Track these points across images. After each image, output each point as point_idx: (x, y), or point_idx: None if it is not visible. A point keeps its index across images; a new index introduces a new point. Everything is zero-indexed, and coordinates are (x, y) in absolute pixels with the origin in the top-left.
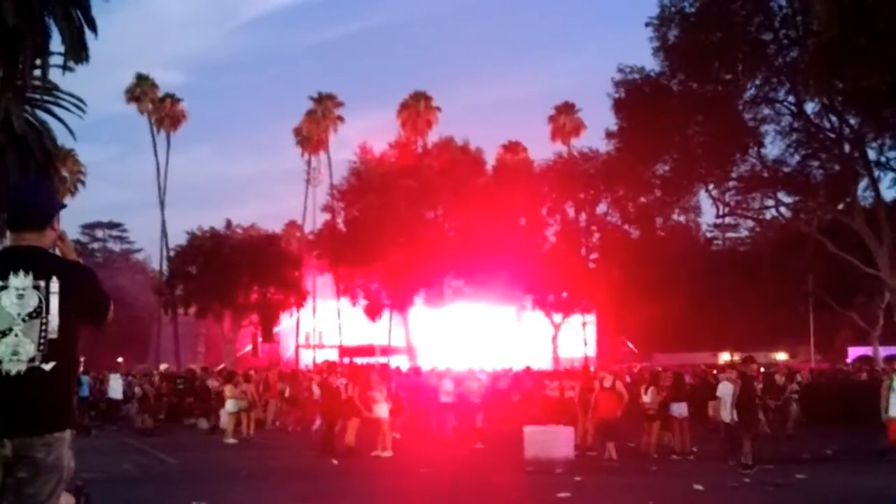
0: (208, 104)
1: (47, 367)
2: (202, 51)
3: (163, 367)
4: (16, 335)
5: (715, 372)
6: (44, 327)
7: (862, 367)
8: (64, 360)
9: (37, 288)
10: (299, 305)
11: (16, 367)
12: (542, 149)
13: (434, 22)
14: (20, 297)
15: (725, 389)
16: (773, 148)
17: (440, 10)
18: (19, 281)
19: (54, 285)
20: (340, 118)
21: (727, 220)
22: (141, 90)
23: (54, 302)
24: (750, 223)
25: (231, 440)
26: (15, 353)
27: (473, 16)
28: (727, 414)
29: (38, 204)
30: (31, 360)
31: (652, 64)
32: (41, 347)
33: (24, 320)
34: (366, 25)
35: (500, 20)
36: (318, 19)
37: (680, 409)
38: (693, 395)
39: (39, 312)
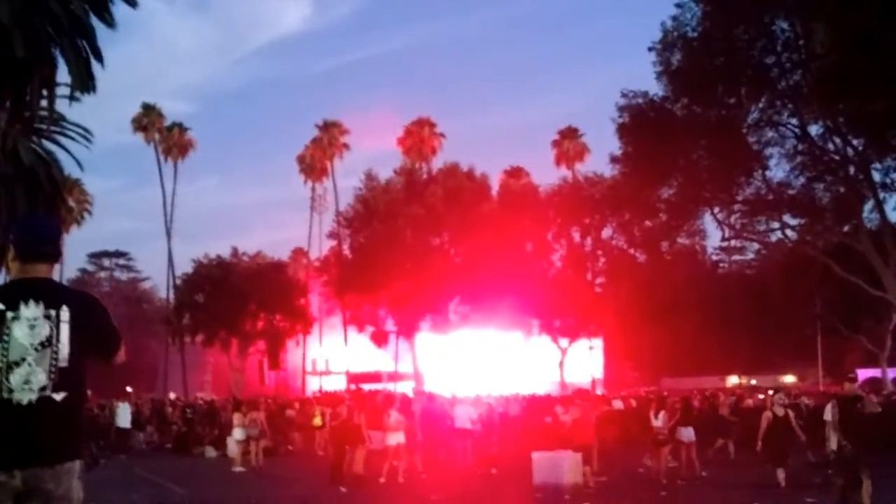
0: (215, 134)
1: (58, 396)
2: (209, 81)
3: (172, 395)
4: (28, 364)
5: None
6: (54, 356)
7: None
8: (74, 390)
9: (48, 317)
10: (306, 333)
11: (27, 397)
12: (546, 174)
13: (437, 50)
14: (32, 326)
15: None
16: (777, 171)
17: (443, 38)
18: (30, 311)
19: (65, 314)
20: (346, 146)
21: (733, 242)
22: (148, 120)
23: (65, 331)
24: (756, 246)
25: (239, 468)
26: (27, 381)
27: (476, 43)
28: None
29: (53, 239)
30: (42, 389)
31: (655, 88)
32: (52, 376)
33: (36, 349)
34: (370, 54)
35: (502, 47)
36: (324, 48)
37: (688, 433)
38: (701, 420)
39: (50, 341)
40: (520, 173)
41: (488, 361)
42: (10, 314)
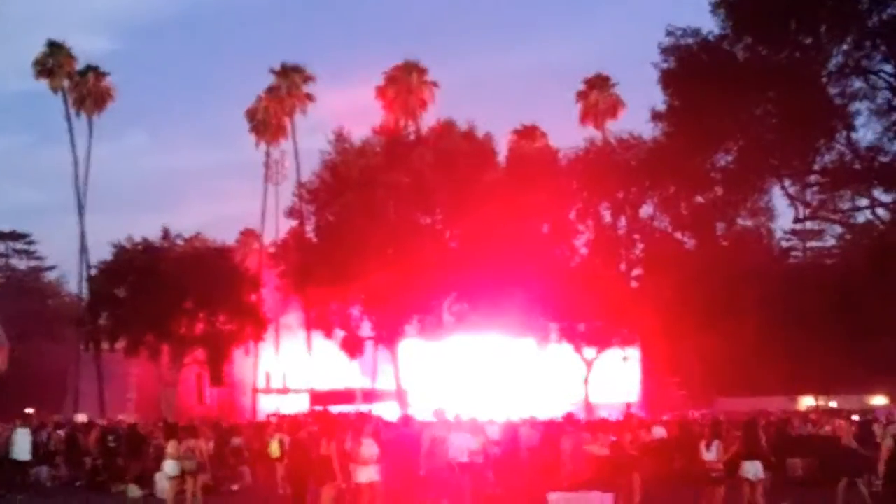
0: (141, 80)
1: None
2: (133, 10)
3: (81, 417)
4: None
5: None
6: None
7: None
8: None
9: None
10: (257, 339)
11: None
12: (568, 134)
13: None
14: None
15: None
16: (866, 132)
17: None
18: None
19: None
20: (310, 96)
21: (809, 224)
22: (54, 62)
23: None
24: (838, 229)
25: None
26: None
27: None
28: None
29: None
30: None
31: (710, 24)
32: None
33: None
34: None
35: None
36: None
37: (755, 469)
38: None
39: None
40: (534, 133)
41: (492, 376)
42: None
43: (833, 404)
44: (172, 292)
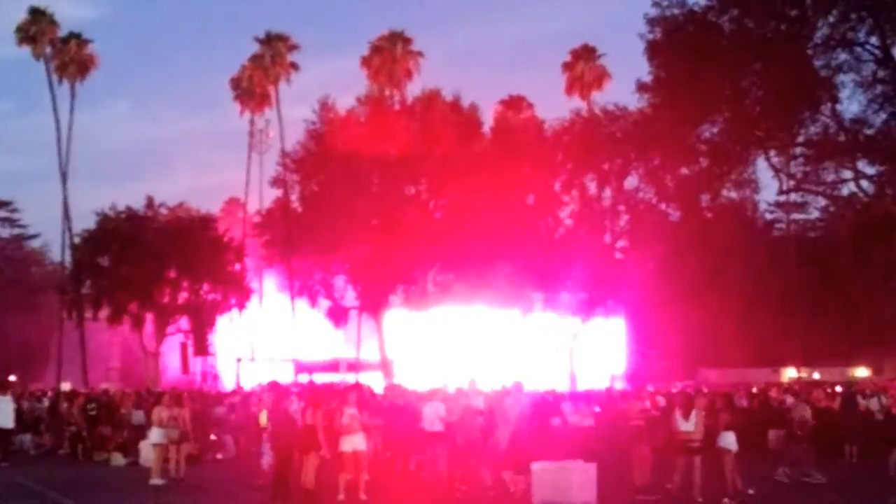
0: (125, 47)
1: None
2: None
3: (65, 385)
4: None
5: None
6: None
7: None
8: None
9: None
10: (241, 307)
11: None
12: (554, 105)
13: None
14: None
15: None
16: (851, 104)
17: None
18: None
19: None
20: (294, 65)
21: (793, 197)
22: (37, 28)
23: None
24: (822, 201)
25: (158, 481)
26: None
27: None
28: None
29: None
30: None
31: None
32: None
33: None
34: None
35: None
36: None
37: (731, 440)
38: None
39: None
40: (520, 104)
41: (477, 347)
42: None
43: (816, 375)
44: (156, 261)
